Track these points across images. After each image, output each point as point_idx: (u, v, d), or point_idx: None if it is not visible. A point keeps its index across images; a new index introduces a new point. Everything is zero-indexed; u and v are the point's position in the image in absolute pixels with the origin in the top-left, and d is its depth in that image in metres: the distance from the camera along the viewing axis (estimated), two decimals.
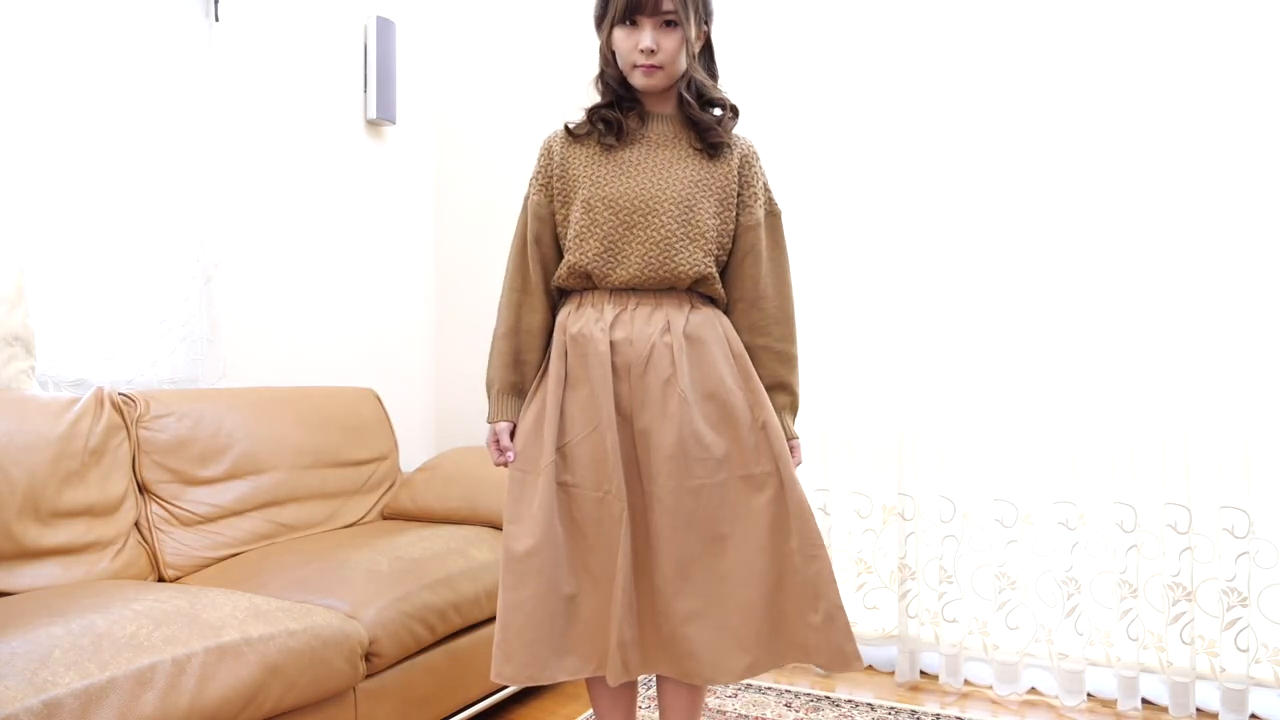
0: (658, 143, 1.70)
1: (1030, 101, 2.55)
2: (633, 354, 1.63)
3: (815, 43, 2.81)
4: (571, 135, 1.73)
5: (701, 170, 1.69)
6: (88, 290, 2.34)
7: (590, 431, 1.64)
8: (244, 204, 2.80)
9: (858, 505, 2.80)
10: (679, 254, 1.65)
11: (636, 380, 1.64)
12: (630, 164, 1.68)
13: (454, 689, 2.16)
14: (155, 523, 2.18)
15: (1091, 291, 2.49)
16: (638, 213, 1.65)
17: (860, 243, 2.77)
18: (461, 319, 3.54)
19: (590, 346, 1.65)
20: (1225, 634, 2.31)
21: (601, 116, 1.70)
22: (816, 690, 2.60)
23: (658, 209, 1.65)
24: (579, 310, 1.69)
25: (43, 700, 1.29)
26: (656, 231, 1.64)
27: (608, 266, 1.66)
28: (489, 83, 3.48)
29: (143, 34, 2.47)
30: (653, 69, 1.63)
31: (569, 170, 1.71)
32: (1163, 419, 2.38)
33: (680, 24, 1.61)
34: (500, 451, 1.71)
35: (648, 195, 1.65)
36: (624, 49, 1.64)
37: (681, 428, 1.61)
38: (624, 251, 1.65)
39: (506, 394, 1.73)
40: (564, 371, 1.67)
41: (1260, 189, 2.31)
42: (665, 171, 1.67)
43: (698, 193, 1.67)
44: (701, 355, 1.65)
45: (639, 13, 1.60)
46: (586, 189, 1.68)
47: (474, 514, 2.58)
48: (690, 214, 1.66)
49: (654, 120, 1.72)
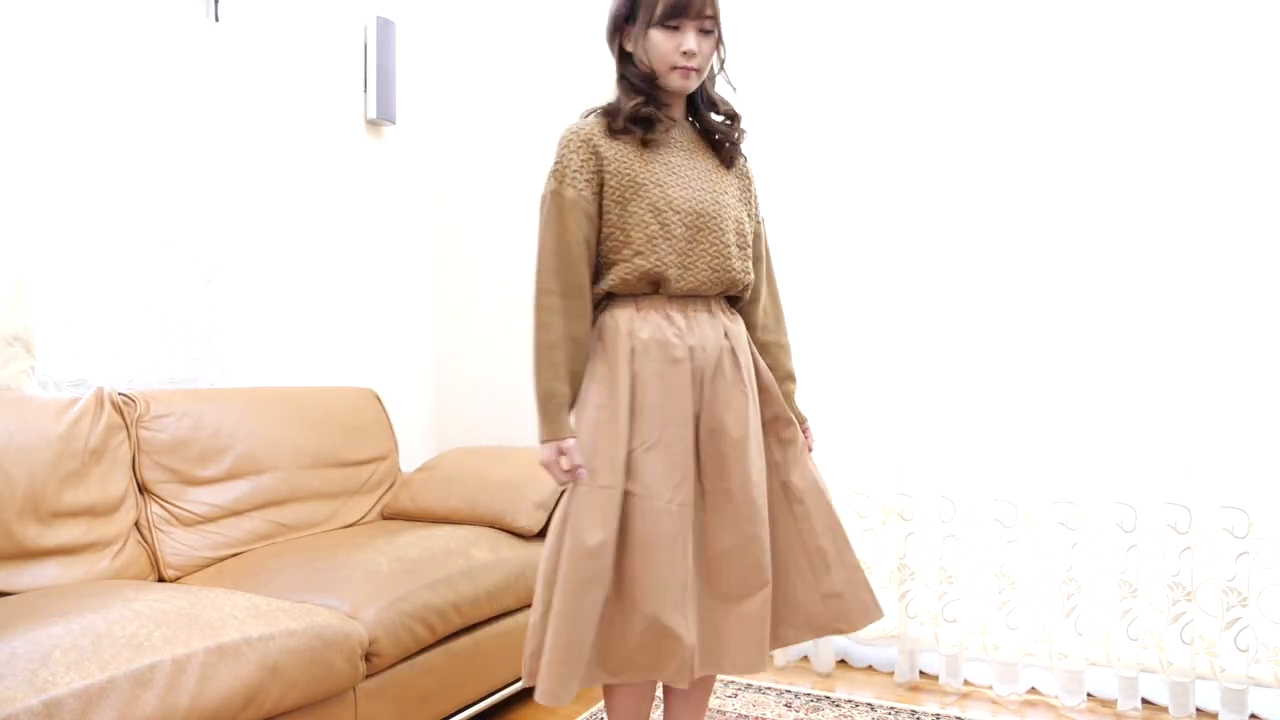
0: (689, 149, 1.73)
1: (1030, 101, 2.55)
2: (705, 359, 1.66)
3: (813, 52, 2.81)
4: (611, 131, 1.67)
5: (731, 180, 1.76)
6: (88, 290, 2.34)
7: (657, 440, 1.60)
8: (244, 204, 2.80)
9: (858, 505, 2.80)
10: (734, 262, 1.71)
11: (709, 384, 1.66)
12: (680, 169, 1.69)
13: (454, 689, 2.16)
14: (155, 523, 2.18)
15: (1092, 291, 2.49)
16: (703, 219, 1.68)
17: (860, 243, 2.77)
18: (462, 319, 3.54)
19: (665, 352, 1.63)
20: (1225, 634, 2.31)
21: (642, 114, 1.66)
22: (817, 690, 2.60)
23: (718, 218, 1.69)
24: (642, 315, 1.66)
25: (43, 700, 1.29)
26: (718, 240, 1.69)
27: (679, 273, 1.66)
28: (489, 83, 3.49)
29: (143, 34, 2.47)
30: (690, 71, 1.64)
31: (623, 168, 1.65)
32: (1163, 419, 2.38)
33: (715, 31, 1.66)
34: (574, 469, 1.59)
35: (709, 204, 1.69)
36: (664, 49, 1.63)
37: (749, 425, 1.67)
38: (693, 259, 1.67)
39: (567, 408, 1.64)
40: (631, 378, 1.62)
41: (1260, 189, 2.31)
42: (712, 181, 1.72)
43: (737, 203, 1.76)
44: (747, 358, 1.73)
45: (683, 15, 1.61)
46: (650, 191, 1.65)
47: (474, 514, 2.58)
48: (739, 224, 1.74)
49: (671, 124, 1.71)
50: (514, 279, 3.43)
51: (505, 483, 2.61)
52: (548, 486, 2.56)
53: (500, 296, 3.46)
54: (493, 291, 3.48)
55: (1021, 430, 2.55)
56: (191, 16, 2.60)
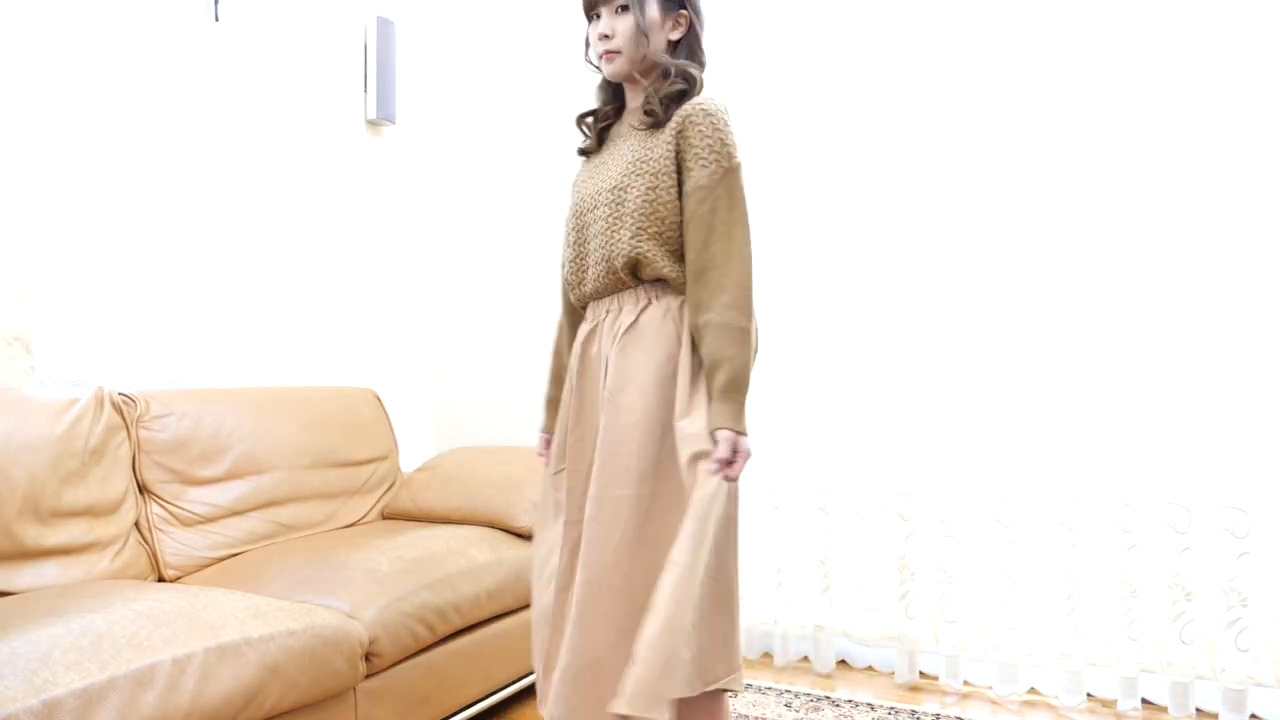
0: (626, 136, 1.61)
1: (1031, 102, 2.55)
2: (599, 366, 1.57)
3: (809, 52, 2.81)
4: (581, 153, 1.71)
5: (638, 150, 1.55)
6: (88, 290, 2.34)
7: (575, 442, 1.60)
8: (244, 204, 2.80)
9: (858, 505, 2.80)
10: (614, 244, 1.53)
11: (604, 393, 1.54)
12: (601, 165, 1.63)
13: (454, 689, 2.16)
14: (155, 523, 2.18)
15: (1091, 292, 2.49)
16: (586, 214, 1.60)
17: (860, 243, 2.77)
18: (462, 319, 3.54)
19: (571, 364, 1.64)
20: (1225, 634, 2.31)
21: (582, 124, 1.69)
22: (816, 690, 2.60)
23: (596, 205, 1.57)
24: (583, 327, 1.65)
25: (43, 700, 1.29)
26: (597, 226, 1.56)
27: (576, 278, 1.62)
28: (489, 83, 3.49)
29: (143, 34, 2.47)
30: (611, 55, 1.58)
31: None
32: (1163, 419, 2.38)
33: (631, 7, 1.55)
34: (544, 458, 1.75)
35: (591, 194, 1.59)
36: (592, 42, 1.63)
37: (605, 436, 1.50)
38: (584, 257, 1.60)
39: (549, 406, 1.78)
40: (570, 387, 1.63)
41: (1260, 190, 2.31)
42: (618, 161, 1.58)
43: (630, 175, 1.54)
44: (633, 354, 1.52)
45: (596, 4, 1.60)
46: (571, 203, 1.66)
47: (474, 514, 2.58)
48: (620, 197, 1.54)
49: (629, 114, 1.64)
50: (514, 279, 3.43)
51: (505, 483, 2.61)
52: None
53: (500, 296, 3.46)
54: (493, 291, 3.48)
55: (1021, 430, 2.55)
56: (191, 16, 2.60)
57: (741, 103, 2.87)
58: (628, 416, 1.48)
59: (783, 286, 2.85)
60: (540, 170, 3.38)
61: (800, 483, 2.84)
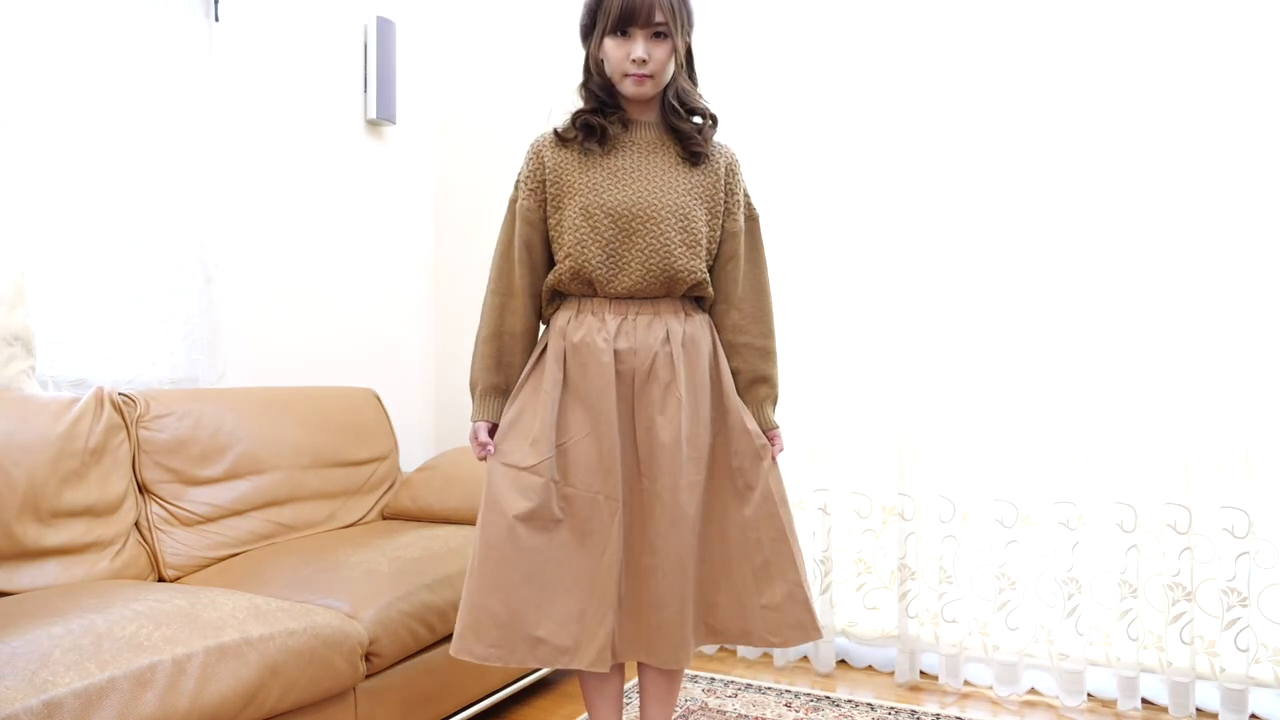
0: (646, 150, 1.75)
1: (1031, 100, 2.55)
2: (636, 362, 1.70)
3: (809, 44, 2.81)
4: (560, 139, 1.75)
5: (692, 178, 1.75)
6: (88, 290, 2.34)
7: (585, 435, 1.70)
8: (244, 204, 2.80)
9: (858, 505, 2.80)
10: (678, 260, 1.71)
11: (640, 387, 1.71)
12: (624, 171, 1.73)
13: (454, 689, 2.16)
14: (155, 523, 2.18)
15: (1091, 292, 2.48)
16: (637, 220, 1.70)
17: (860, 243, 2.77)
18: (461, 319, 3.54)
19: (593, 355, 1.70)
20: (1225, 634, 2.31)
21: (585, 122, 1.73)
22: (817, 690, 2.60)
23: (656, 217, 1.70)
24: (579, 318, 1.74)
25: (43, 700, 1.29)
26: (656, 239, 1.70)
27: (610, 274, 1.71)
28: (489, 83, 3.49)
29: (143, 34, 2.47)
30: (643, 78, 1.69)
31: (561, 175, 1.73)
32: (1163, 419, 2.38)
33: (670, 35, 1.68)
34: (481, 446, 1.76)
35: (646, 203, 1.71)
36: (615, 58, 1.69)
37: (679, 429, 1.69)
38: (625, 259, 1.71)
39: (490, 395, 1.79)
40: (562, 377, 1.71)
41: (1260, 189, 2.31)
42: (659, 179, 1.73)
43: (691, 200, 1.73)
44: (695, 360, 1.74)
45: (632, 23, 1.66)
46: (583, 195, 1.71)
47: (474, 514, 2.57)
48: (686, 221, 1.72)
49: (638, 127, 1.77)
50: None
51: None
52: None
53: None
54: None
55: (1021, 430, 2.55)
56: (191, 16, 2.60)
57: (754, 88, 2.88)
58: (705, 408, 1.75)
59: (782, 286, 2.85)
60: None
61: (801, 483, 2.84)
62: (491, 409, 1.78)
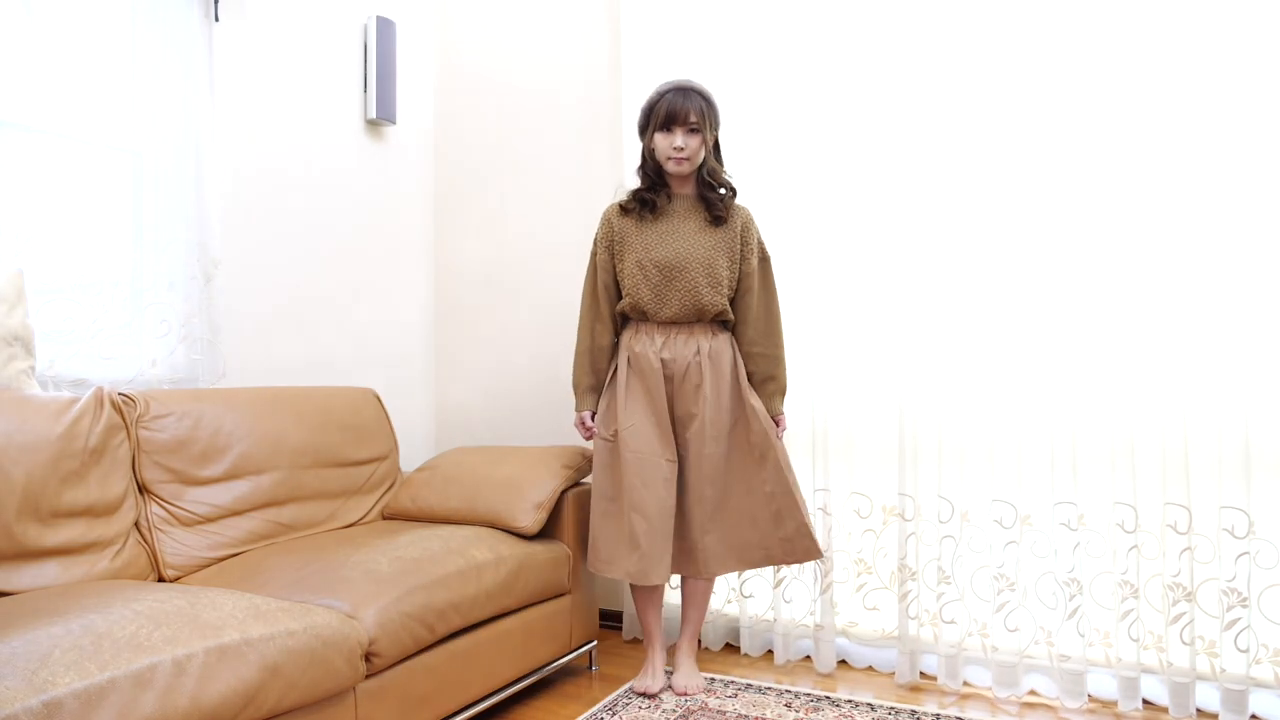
0: (683, 216, 2.51)
1: (1030, 99, 2.55)
2: (675, 368, 2.50)
3: (809, 37, 2.81)
4: (623, 210, 2.55)
5: (715, 236, 2.50)
6: (88, 290, 2.34)
7: (647, 416, 2.48)
8: (244, 204, 2.80)
9: (858, 505, 2.80)
10: (704, 296, 2.48)
11: (678, 385, 2.51)
12: (667, 233, 2.50)
13: (454, 689, 2.16)
14: (155, 523, 2.18)
15: (1092, 291, 2.49)
16: (675, 269, 2.47)
17: (860, 243, 2.77)
18: (461, 319, 3.54)
19: (647, 363, 2.49)
20: (1225, 634, 2.31)
21: (641, 198, 2.51)
22: (817, 690, 2.60)
23: (690, 266, 2.47)
24: (637, 335, 2.53)
25: (43, 700, 1.29)
26: (689, 282, 2.47)
27: (656, 307, 2.50)
28: (489, 83, 3.49)
29: (142, 34, 2.47)
30: (681, 160, 2.45)
31: (624, 236, 2.54)
32: (1163, 419, 2.38)
33: (701, 130, 2.43)
34: (587, 429, 2.60)
35: (682, 257, 2.47)
36: (662, 147, 2.45)
37: (706, 415, 2.47)
38: (667, 297, 2.49)
39: (588, 391, 2.60)
40: (628, 376, 2.51)
41: (1260, 189, 2.31)
42: (692, 239, 2.49)
43: (715, 253, 2.49)
44: (719, 367, 2.51)
45: (674, 123, 2.42)
46: (637, 251, 2.50)
47: (474, 514, 2.58)
48: (711, 268, 2.48)
49: (679, 199, 2.53)
50: (513, 279, 3.43)
51: (505, 483, 2.61)
52: (548, 486, 2.59)
53: (500, 296, 3.46)
54: (492, 292, 3.48)
55: (1021, 430, 2.55)
56: (191, 16, 2.59)
57: (753, 87, 2.87)
58: (726, 400, 2.51)
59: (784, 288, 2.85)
60: (539, 170, 3.38)
61: (801, 482, 2.84)
62: (590, 401, 2.59)
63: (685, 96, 2.40)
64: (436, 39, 3.58)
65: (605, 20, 3.23)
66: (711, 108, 2.46)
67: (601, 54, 3.24)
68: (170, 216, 2.54)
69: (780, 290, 2.65)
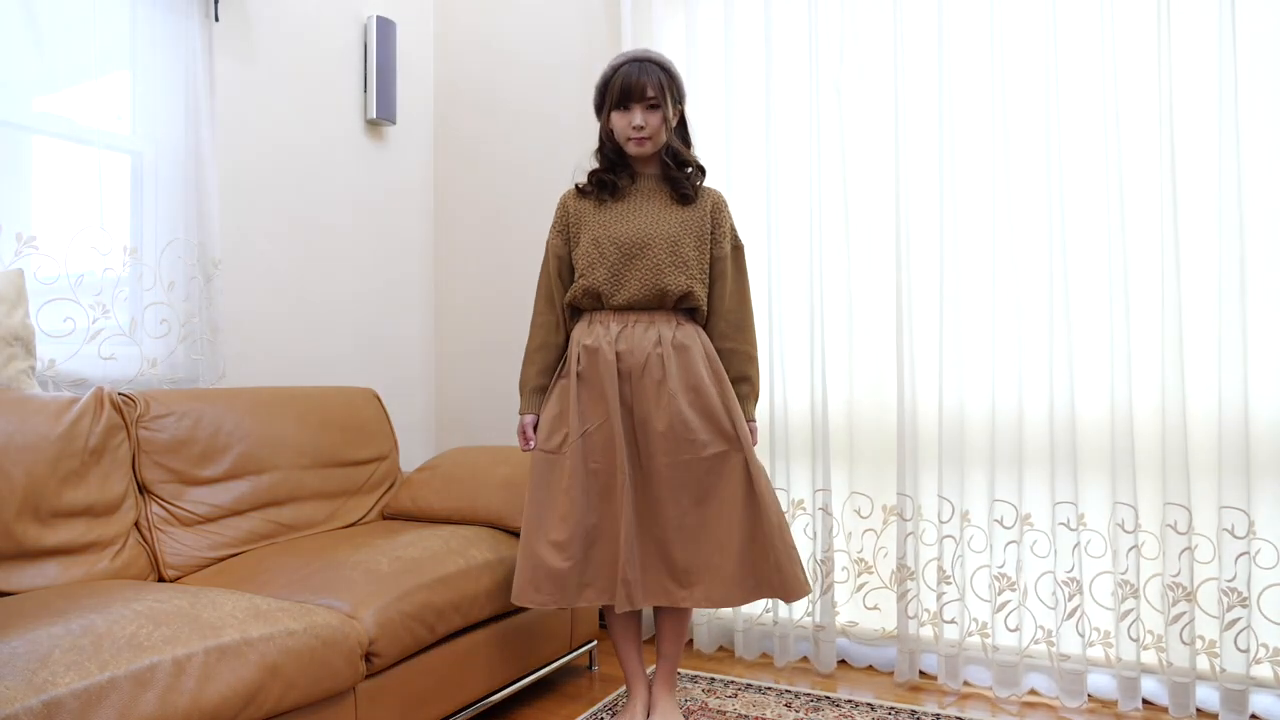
0: (646, 195, 2.22)
1: (1030, 97, 2.55)
2: (633, 362, 2.13)
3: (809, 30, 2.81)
4: (580, 192, 2.26)
5: (683, 214, 2.20)
6: (87, 290, 2.34)
7: (601, 423, 2.12)
8: (244, 203, 2.80)
9: (858, 505, 2.80)
10: (667, 277, 2.15)
11: (636, 382, 2.13)
12: (627, 211, 2.20)
13: (454, 689, 2.16)
14: (155, 523, 2.18)
15: (1092, 291, 2.49)
16: (635, 246, 2.15)
17: (860, 243, 2.77)
18: (461, 319, 3.54)
19: (600, 357, 2.13)
20: (1225, 634, 2.31)
21: (599, 180, 2.22)
22: (817, 690, 2.60)
23: (651, 243, 2.15)
24: (590, 327, 2.19)
25: (43, 700, 1.29)
26: (650, 260, 2.15)
27: (613, 288, 2.15)
28: (489, 83, 3.48)
29: (142, 33, 2.47)
30: (642, 140, 2.16)
31: (580, 218, 2.23)
32: (1163, 419, 2.38)
33: (661, 106, 2.14)
34: (526, 440, 2.27)
35: (643, 233, 2.16)
36: (620, 126, 2.16)
37: (671, 416, 2.10)
38: (625, 277, 2.15)
39: (534, 393, 2.28)
40: (577, 373, 2.16)
41: (1260, 189, 2.31)
42: (654, 215, 2.19)
43: (681, 231, 2.18)
44: (685, 360, 2.15)
45: (630, 100, 2.13)
46: (593, 230, 2.19)
47: (474, 514, 2.58)
48: (675, 247, 2.16)
49: (642, 179, 2.24)
50: (513, 279, 3.43)
51: (505, 483, 2.61)
52: None
53: (500, 296, 3.46)
54: (492, 291, 3.48)
55: (1021, 430, 2.55)
56: (191, 16, 2.59)
57: (752, 88, 2.87)
58: (706, 400, 2.13)
59: (783, 287, 2.85)
60: (538, 170, 3.38)
61: (801, 483, 2.84)
62: (534, 403, 2.28)
63: (642, 69, 2.12)
64: (436, 39, 3.58)
65: (605, 21, 3.23)
66: (673, 80, 2.18)
67: (602, 54, 3.24)
68: (170, 216, 2.54)
69: (780, 287, 2.63)
